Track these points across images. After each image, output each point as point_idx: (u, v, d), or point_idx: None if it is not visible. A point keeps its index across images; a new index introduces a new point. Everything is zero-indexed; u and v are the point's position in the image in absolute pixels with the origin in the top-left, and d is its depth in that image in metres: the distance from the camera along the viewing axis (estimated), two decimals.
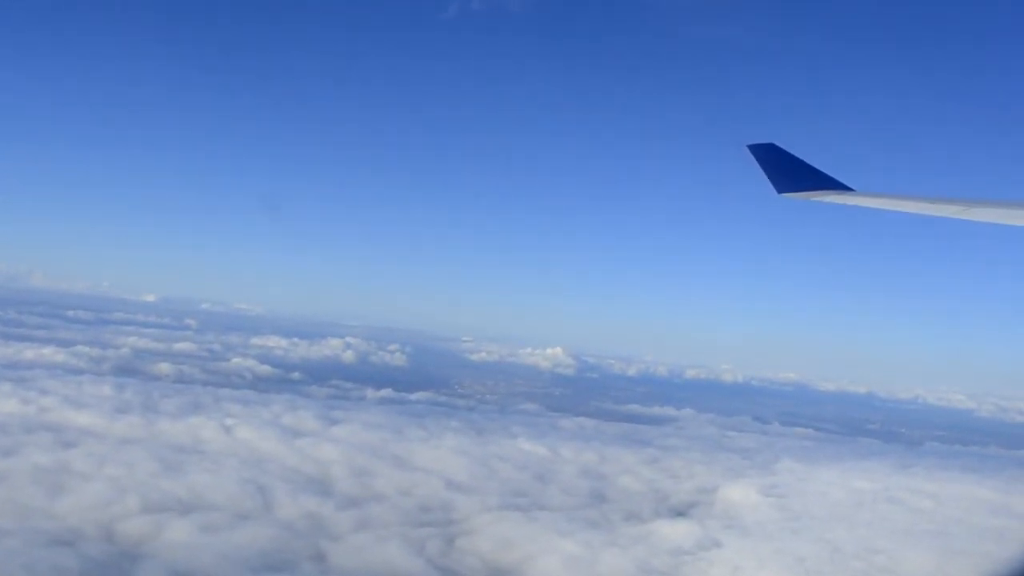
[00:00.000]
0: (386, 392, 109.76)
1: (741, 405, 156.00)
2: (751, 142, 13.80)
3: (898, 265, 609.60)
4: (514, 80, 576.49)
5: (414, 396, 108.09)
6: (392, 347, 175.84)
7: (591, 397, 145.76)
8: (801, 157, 13.27)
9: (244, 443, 62.81)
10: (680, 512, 60.46)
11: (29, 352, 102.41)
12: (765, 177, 13.36)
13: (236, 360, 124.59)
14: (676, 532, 51.14)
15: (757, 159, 13.47)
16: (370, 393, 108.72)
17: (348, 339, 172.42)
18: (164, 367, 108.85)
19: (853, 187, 12.63)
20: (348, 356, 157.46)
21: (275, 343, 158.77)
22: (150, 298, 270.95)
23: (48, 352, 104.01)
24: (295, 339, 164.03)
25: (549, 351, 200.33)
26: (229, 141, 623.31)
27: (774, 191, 13.21)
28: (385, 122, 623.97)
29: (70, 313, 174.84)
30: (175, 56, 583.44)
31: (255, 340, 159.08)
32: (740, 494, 66.24)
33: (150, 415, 67.41)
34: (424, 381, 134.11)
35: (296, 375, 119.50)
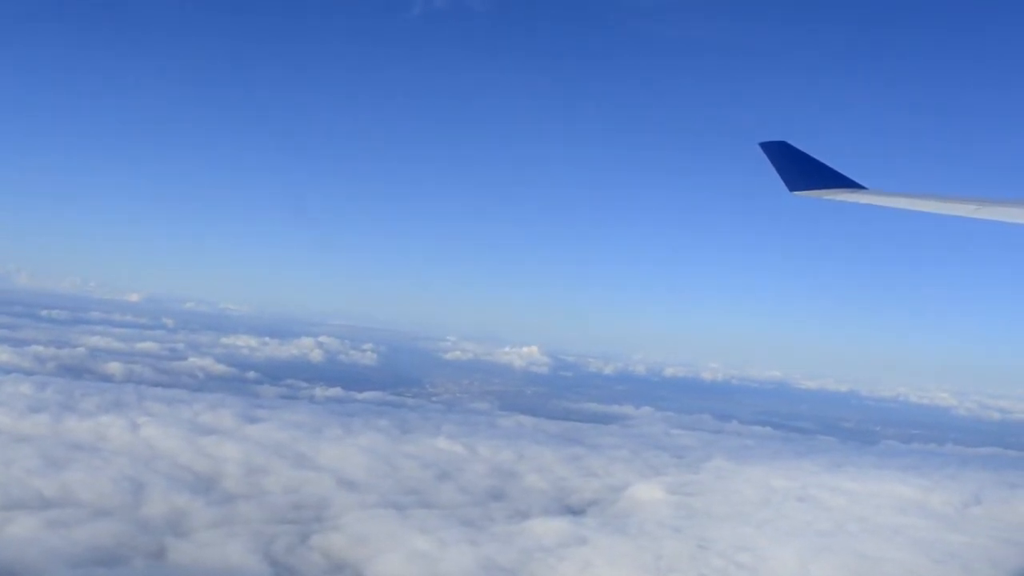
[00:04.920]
0: (335, 391, 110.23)
1: (713, 404, 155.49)
2: (761, 140, 13.85)
3: (904, 264, 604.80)
4: (484, 77, 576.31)
5: (362, 395, 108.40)
6: (366, 346, 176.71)
7: (558, 396, 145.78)
8: (813, 155, 13.35)
9: (145, 441, 63.19)
10: (576, 510, 60.59)
11: None
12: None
13: (192, 359, 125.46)
14: (547, 529, 51.11)
15: (769, 157, 13.52)
16: (319, 392, 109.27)
17: (321, 338, 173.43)
18: (114, 366, 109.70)
19: (865, 185, 12.69)
20: (315, 355, 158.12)
21: (244, 342, 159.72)
22: (133, 298, 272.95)
23: None
24: (267, 338, 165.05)
25: (525, 350, 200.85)
26: (215, 141, 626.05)
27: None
28: (361, 122, 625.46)
29: (44, 313, 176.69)
30: (160, 58, 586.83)
31: (225, 339, 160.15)
32: (647, 492, 66.22)
33: (63, 413, 67.86)
34: (390, 380, 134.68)
35: (251, 374, 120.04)
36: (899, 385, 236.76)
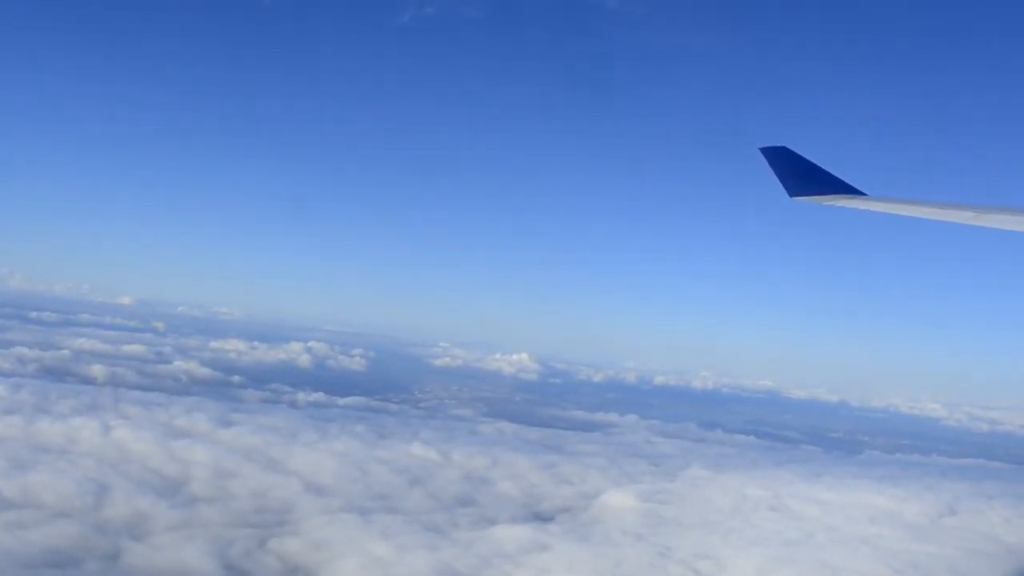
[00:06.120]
0: (317, 396, 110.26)
1: (701, 412, 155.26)
2: (759, 146, 13.81)
3: (902, 272, 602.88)
4: (476, 84, 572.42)
5: (344, 401, 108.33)
6: (355, 352, 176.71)
7: (545, 403, 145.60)
8: (814, 161, 13.35)
9: (116, 444, 63.23)
10: (545, 517, 60.59)
11: None
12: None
13: (178, 363, 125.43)
14: (509, 536, 51.13)
15: (769, 162, 13.52)
16: (302, 397, 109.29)
17: (310, 343, 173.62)
18: (97, 369, 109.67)
19: (865, 191, 12.72)
20: (303, 360, 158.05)
21: (233, 346, 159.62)
22: (126, 300, 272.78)
23: None
24: (256, 343, 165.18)
25: (515, 357, 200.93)
26: (211, 146, 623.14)
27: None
28: (353, 128, 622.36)
29: (33, 315, 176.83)
30: (153, 63, 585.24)
31: (215, 343, 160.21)
32: (618, 500, 66.23)
33: (35, 416, 67.91)
34: (377, 386, 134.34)
35: (236, 379, 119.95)
36: (891, 396, 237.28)
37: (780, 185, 13.31)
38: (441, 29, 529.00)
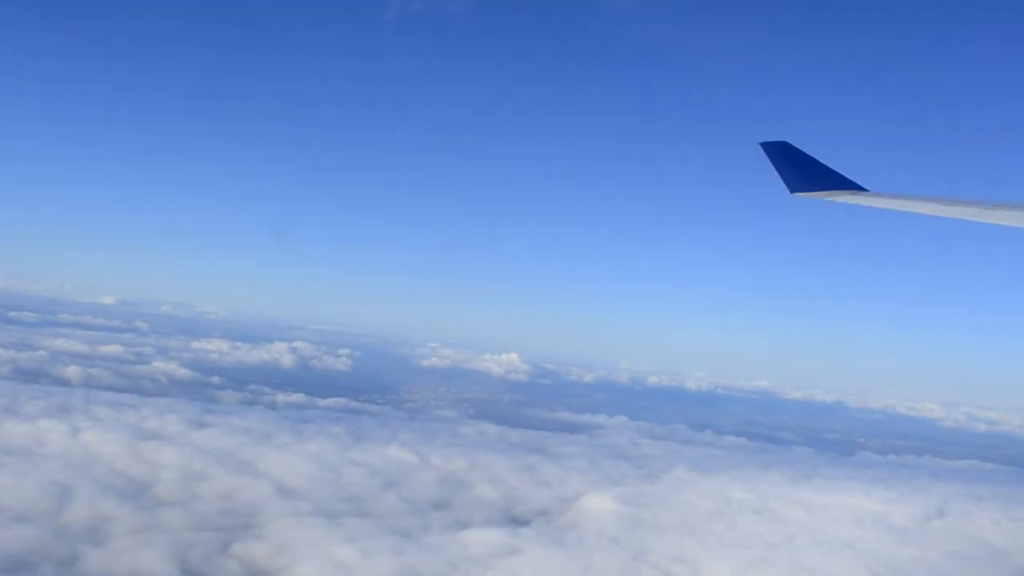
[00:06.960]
0: (297, 397, 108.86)
1: (694, 413, 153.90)
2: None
3: (904, 269, 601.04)
4: (462, 81, 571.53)
5: (325, 402, 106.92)
6: (342, 352, 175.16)
7: (534, 404, 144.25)
8: (815, 156, 13.28)
9: (84, 446, 61.76)
10: (522, 521, 59.30)
11: None
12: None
13: (156, 364, 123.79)
14: (480, 540, 49.90)
15: (770, 157, 13.45)
16: (281, 398, 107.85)
17: (295, 344, 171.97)
18: (73, 370, 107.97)
19: (866, 187, 12.61)
20: (286, 361, 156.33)
21: (215, 347, 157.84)
22: (108, 300, 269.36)
23: None
24: (239, 343, 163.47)
25: (504, 357, 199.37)
26: (200, 146, 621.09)
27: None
28: (340, 127, 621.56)
29: (12, 314, 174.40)
30: (137, 63, 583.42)
31: (197, 344, 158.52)
32: (597, 503, 64.99)
33: (3, 417, 66.45)
34: (362, 386, 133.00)
35: (215, 379, 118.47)
36: (889, 396, 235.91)
37: (781, 181, 13.18)
38: (428, 24, 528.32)
